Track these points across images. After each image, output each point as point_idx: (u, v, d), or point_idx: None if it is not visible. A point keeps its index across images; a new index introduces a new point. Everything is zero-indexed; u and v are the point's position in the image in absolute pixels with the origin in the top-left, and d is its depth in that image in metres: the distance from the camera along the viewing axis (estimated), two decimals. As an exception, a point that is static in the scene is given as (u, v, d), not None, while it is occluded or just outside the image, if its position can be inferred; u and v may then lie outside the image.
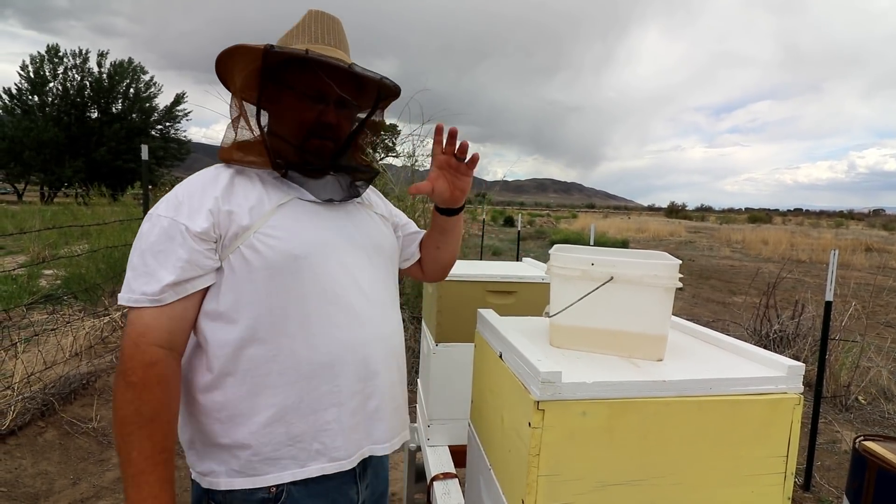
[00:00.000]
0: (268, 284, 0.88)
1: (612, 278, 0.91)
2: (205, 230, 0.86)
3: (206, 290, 0.89)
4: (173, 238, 0.85)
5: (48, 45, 29.98)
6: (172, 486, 0.85)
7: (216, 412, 0.89)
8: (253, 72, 0.92)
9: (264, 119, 0.96)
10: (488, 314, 1.15)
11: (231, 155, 0.93)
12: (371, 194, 1.17)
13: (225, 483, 0.88)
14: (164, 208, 0.88)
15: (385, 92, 1.03)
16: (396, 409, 1.03)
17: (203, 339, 0.89)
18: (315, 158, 0.97)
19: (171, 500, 0.83)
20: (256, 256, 0.87)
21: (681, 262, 0.93)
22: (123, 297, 0.84)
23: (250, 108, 0.95)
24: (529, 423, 0.78)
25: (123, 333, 0.85)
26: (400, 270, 1.22)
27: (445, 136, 1.00)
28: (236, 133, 0.95)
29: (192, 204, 0.87)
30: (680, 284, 0.90)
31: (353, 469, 0.96)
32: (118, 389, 0.82)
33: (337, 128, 0.98)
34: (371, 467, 1.02)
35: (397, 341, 1.04)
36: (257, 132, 0.93)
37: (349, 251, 0.97)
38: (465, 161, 1.02)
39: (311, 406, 0.90)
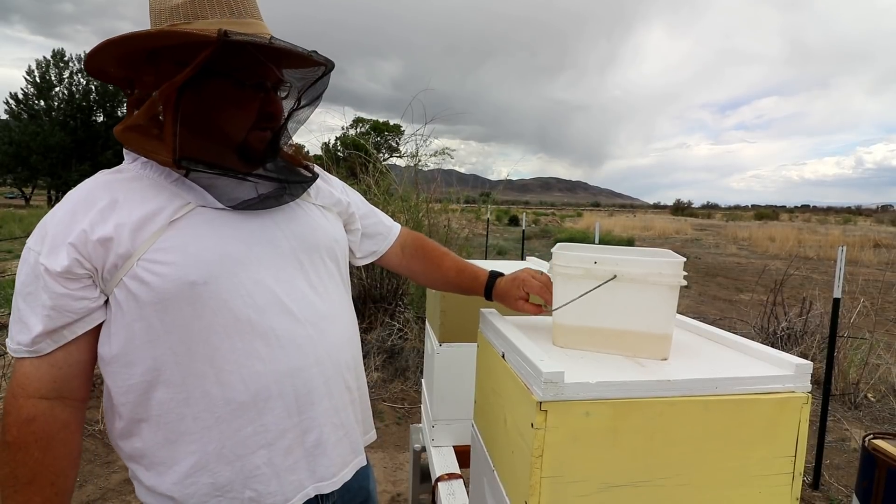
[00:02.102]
0: (163, 320, 0.75)
1: (615, 276, 0.90)
2: (66, 268, 0.72)
3: (99, 328, 0.78)
4: (37, 279, 0.73)
5: (54, 50, 30.43)
6: None
7: (138, 459, 0.81)
8: (169, 55, 0.77)
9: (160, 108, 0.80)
10: (491, 314, 1.14)
11: (129, 140, 0.79)
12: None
13: None
14: (33, 240, 0.76)
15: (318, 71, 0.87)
16: (345, 436, 0.91)
17: (106, 384, 0.80)
18: (255, 153, 0.83)
19: None
20: (144, 289, 0.74)
21: (685, 259, 0.91)
22: (8, 345, 0.77)
23: (155, 96, 0.78)
24: (532, 424, 0.77)
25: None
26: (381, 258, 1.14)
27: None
28: (138, 119, 0.78)
29: (55, 235, 0.74)
30: (685, 282, 0.89)
31: (317, 496, 0.87)
32: None
33: (279, 116, 0.84)
34: (339, 491, 0.92)
35: (345, 355, 0.91)
36: (171, 129, 0.76)
37: (269, 262, 0.82)
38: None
39: (234, 451, 0.79)
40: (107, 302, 0.77)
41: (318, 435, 0.85)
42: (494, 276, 1.15)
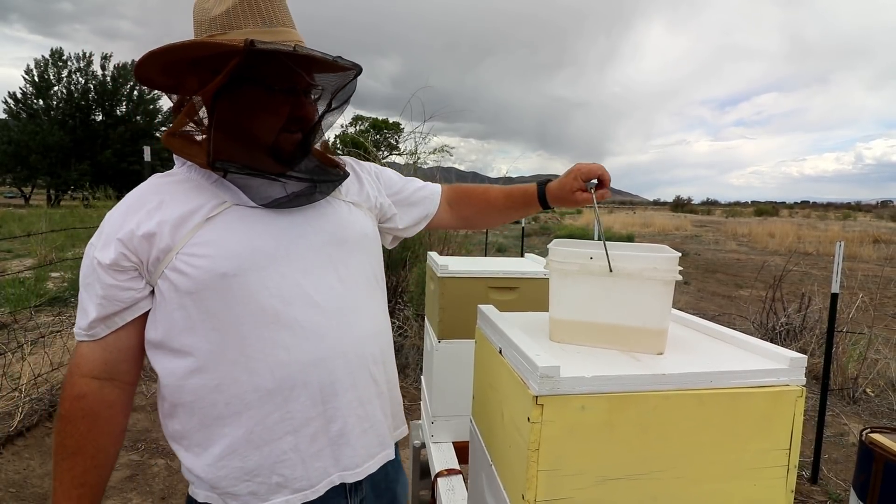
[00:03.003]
0: (199, 309, 0.81)
1: (610, 271, 0.91)
2: (113, 261, 0.80)
3: (146, 316, 0.85)
4: (93, 271, 0.82)
5: (52, 49, 30.27)
6: None
7: (178, 440, 0.87)
8: (209, 63, 0.81)
9: (204, 113, 0.86)
10: (488, 310, 1.15)
11: (172, 145, 0.86)
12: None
13: (204, 497, 0.86)
14: (94, 236, 0.84)
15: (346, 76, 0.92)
16: (371, 428, 0.93)
17: (153, 367, 0.86)
18: (286, 154, 0.88)
19: None
20: (182, 279, 0.80)
21: (680, 254, 0.92)
22: (75, 330, 0.85)
23: (193, 102, 0.85)
24: (528, 418, 0.77)
25: None
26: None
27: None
28: (182, 124, 0.86)
29: (108, 233, 0.82)
30: (680, 277, 0.90)
31: (343, 485, 0.90)
32: (55, 418, 0.84)
33: (309, 119, 0.89)
34: (368, 479, 0.95)
35: (372, 348, 0.93)
36: (207, 133, 0.83)
37: (298, 256, 0.86)
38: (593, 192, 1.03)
39: (262, 437, 0.83)
40: (153, 292, 0.84)
41: (343, 425, 0.88)
42: (543, 183, 1.12)
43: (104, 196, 8.70)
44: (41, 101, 29.94)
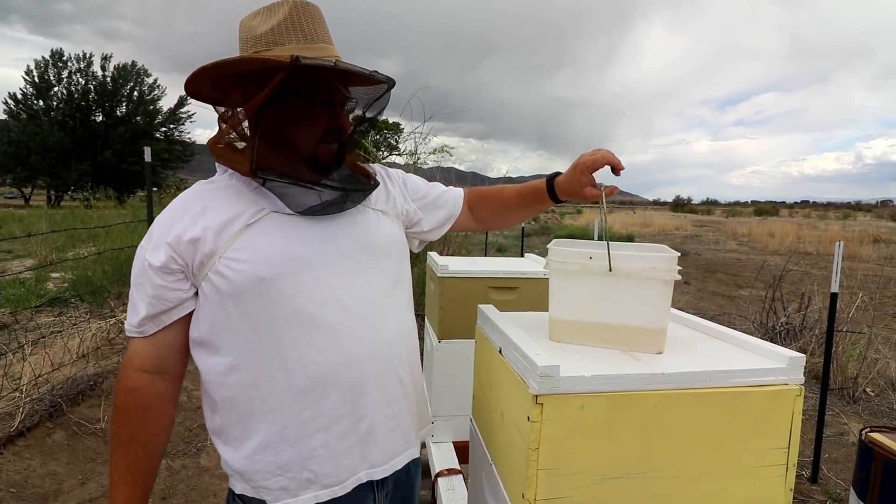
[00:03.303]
0: (238, 310, 0.86)
1: (610, 271, 0.91)
2: (163, 264, 0.86)
3: (191, 315, 0.90)
4: (144, 272, 0.87)
5: (52, 50, 30.30)
6: (137, 503, 0.91)
7: (218, 433, 0.93)
8: (253, 78, 0.87)
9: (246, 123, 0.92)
10: (488, 310, 1.15)
11: (217, 153, 0.92)
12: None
13: (241, 489, 0.91)
14: (144, 239, 0.90)
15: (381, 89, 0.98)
16: (397, 427, 0.97)
17: (196, 364, 0.92)
18: (322, 164, 0.92)
19: None
20: (224, 282, 0.85)
21: (679, 254, 0.92)
22: (126, 326, 0.92)
23: (238, 114, 0.91)
24: (528, 418, 0.78)
25: None
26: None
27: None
28: (226, 133, 0.91)
29: (157, 237, 0.88)
30: (679, 277, 0.90)
31: (370, 481, 0.94)
32: (112, 409, 0.90)
33: (344, 130, 0.94)
34: (392, 475, 0.98)
35: (399, 350, 0.97)
36: (251, 142, 0.88)
37: (331, 262, 0.90)
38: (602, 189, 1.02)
39: (295, 433, 0.87)
40: (197, 293, 0.89)
41: (371, 423, 0.92)
42: (552, 178, 1.12)
43: (104, 197, 8.70)
44: (41, 102, 29.92)
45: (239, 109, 0.90)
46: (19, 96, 29.75)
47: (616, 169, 1.00)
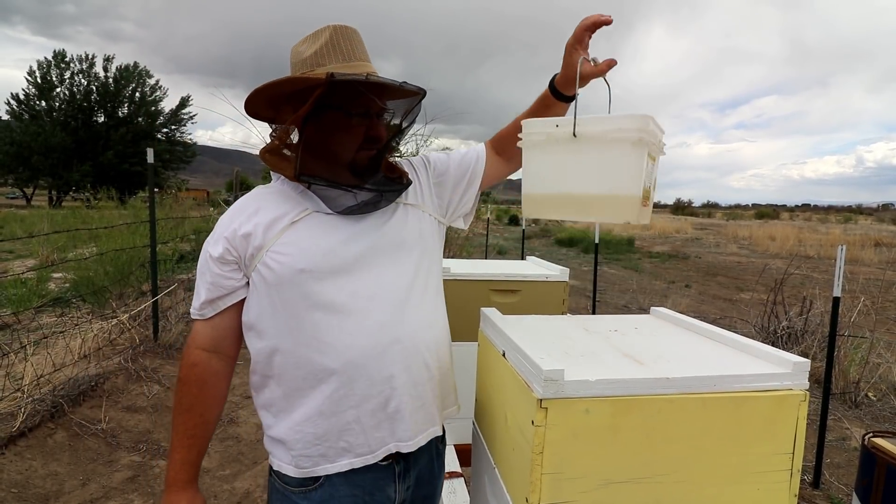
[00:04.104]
0: (280, 298, 0.96)
1: (574, 136, 0.88)
2: (220, 255, 0.98)
3: (243, 302, 1.02)
4: (206, 262, 1.00)
5: (55, 51, 30.43)
6: (191, 466, 1.03)
7: (266, 407, 1.03)
8: (300, 96, 0.97)
9: (294, 134, 1.01)
10: (491, 313, 1.15)
11: (267, 161, 1.03)
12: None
13: (277, 465, 1.01)
14: (210, 235, 1.02)
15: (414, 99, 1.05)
16: (421, 407, 1.03)
17: (247, 346, 1.03)
18: (361, 169, 1.02)
19: (183, 477, 1.02)
20: (269, 273, 0.96)
21: (652, 116, 0.86)
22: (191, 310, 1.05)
23: (287, 127, 1.00)
24: (533, 422, 0.78)
25: None
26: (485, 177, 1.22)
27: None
28: (278, 144, 1.02)
29: (219, 232, 1.01)
30: (650, 139, 0.85)
31: (392, 467, 1.02)
32: (176, 381, 1.04)
33: (381, 138, 1.04)
34: (415, 470, 1.05)
35: (426, 337, 1.04)
36: (295, 151, 0.98)
37: (363, 256, 0.99)
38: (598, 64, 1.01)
39: (331, 409, 0.97)
40: (248, 284, 1.00)
41: (398, 403, 0.99)
42: (552, 79, 1.14)
43: (106, 197, 8.71)
44: (43, 103, 30.01)
45: (289, 125, 1.00)
46: (21, 97, 29.82)
47: (603, 23, 1.01)
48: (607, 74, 1.03)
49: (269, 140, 1.04)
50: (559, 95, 1.12)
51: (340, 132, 0.99)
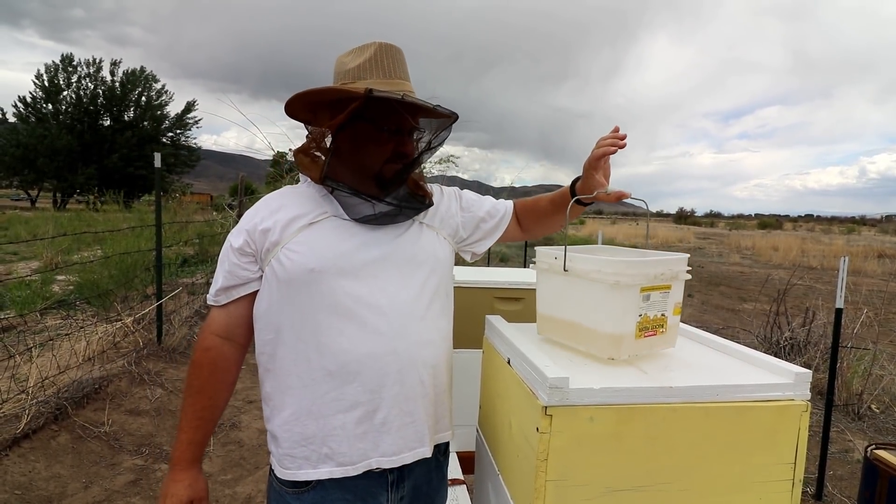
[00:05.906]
0: (289, 294, 0.99)
1: (565, 270, 0.97)
2: (240, 246, 1.02)
3: (256, 293, 1.05)
4: (227, 252, 1.04)
5: (62, 55, 30.50)
6: (197, 447, 1.06)
7: (267, 400, 1.06)
8: (338, 105, 1.01)
9: (328, 140, 1.06)
10: (496, 320, 1.17)
11: (298, 161, 1.07)
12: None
13: (272, 463, 1.03)
14: (234, 227, 1.06)
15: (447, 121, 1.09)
16: (411, 424, 1.02)
17: (255, 336, 1.07)
18: (386, 181, 1.04)
19: (188, 456, 1.05)
20: (282, 269, 0.99)
21: (634, 260, 0.92)
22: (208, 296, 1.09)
23: (322, 131, 1.05)
24: (537, 429, 0.79)
25: None
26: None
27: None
28: (310, 146, 1.07)
29: (242, 225, 1.04)
30: (630, 282, 0.89)
31: (385, 476, 1.01)
32: (189, 364, 1.07)
33: (409, 155, 1.06)
34: (411, 480, 1.05)
35: (425, 354, 1.04)
36: (325, 155, 1.03)
37: (373, 265, 1.01)
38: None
39: (319, 410, 0.98)
40: (262, 277, 1.03)
41: (386, 415, 1.00)
42: (573, 182, 1.17)
43: (112, 200, 8.74)
44: (50, 106, 30.17)
45: (324, 129, 1.06)
46: (28, 100, 30.02)
47: (615, 151, 1.06)
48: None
49: (304, 140, 1.09)
50: (580, 201, 1.13)
51: (371, 144, 1.03)
